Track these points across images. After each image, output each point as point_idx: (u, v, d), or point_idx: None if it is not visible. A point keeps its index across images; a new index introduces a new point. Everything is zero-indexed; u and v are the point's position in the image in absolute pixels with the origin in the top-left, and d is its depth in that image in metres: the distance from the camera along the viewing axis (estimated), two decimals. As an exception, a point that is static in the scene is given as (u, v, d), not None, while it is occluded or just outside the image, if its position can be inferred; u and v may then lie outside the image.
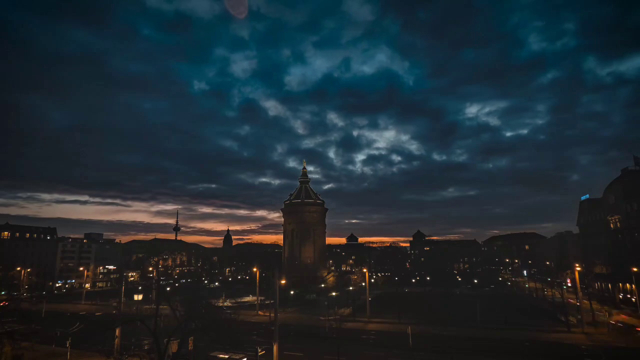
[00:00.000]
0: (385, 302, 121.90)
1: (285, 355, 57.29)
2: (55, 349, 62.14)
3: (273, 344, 47.44)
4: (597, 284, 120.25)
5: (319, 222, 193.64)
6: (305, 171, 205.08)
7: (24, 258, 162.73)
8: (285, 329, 74.39)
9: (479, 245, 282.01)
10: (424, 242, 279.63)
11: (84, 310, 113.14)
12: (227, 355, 52.45)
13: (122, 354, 53.82)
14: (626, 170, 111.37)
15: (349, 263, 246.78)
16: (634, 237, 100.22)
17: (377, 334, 76.68)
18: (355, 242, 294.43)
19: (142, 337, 61.22)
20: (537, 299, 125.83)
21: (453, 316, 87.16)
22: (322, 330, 77.45)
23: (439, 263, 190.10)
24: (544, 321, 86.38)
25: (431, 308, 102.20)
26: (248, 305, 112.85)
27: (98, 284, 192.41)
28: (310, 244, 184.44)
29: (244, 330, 70.45)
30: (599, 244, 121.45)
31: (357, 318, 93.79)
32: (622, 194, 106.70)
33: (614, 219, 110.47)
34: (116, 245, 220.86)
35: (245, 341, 62.23)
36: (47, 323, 78.50)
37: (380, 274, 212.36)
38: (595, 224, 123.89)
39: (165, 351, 40.59)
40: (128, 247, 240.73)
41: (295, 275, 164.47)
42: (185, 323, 41.26)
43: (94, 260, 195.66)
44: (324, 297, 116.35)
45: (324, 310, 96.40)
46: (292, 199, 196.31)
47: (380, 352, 62.28)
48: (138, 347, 58.74)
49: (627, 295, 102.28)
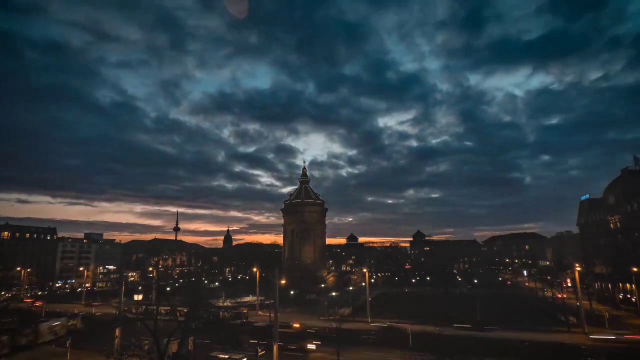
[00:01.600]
0: (385, 302, 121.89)
1: (285, 355, 57.33)
2: (55, 349, 62.16)
3: (273, 344, 47.48)
4: (597, 284, 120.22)
5: (319, 222, 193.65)
6: (305, 171, 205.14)
7: (24, 258, 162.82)
8: (285, 329, 74.37)
9: (479, 245, 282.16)
10: (424, 242, 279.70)
11: (84, 311, 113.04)
12: (227, 355, 52.44)
13: (122, 354, 53.82)
14: (626, 170, 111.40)
15: (349, 263, 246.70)
16: (634, 237, 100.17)
17: (377, 334, 76.61)
18: (355, 242, 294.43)
19: (142, 337, 61.20)
20: (537, 299, 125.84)
21: (453, 316, 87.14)
22: (322, 330, 77.41)
23: (438, 263, 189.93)
24: (544, 321, 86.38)
25: (431, 308, 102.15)
26: (248, 305, 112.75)
27: (98, 284, 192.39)
28: (310, 244, 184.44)
29: (245, 330, 70.60)
30: (599, 244, 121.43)
31: (357, 318, 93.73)
32: (622, 194, 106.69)
33: (614, 219, 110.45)
34: (116, 245, 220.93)
35: (245, 341, 62.45)
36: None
37: (380, 274, 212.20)
38: (595, 224, 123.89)
39: (165, 351, 40.59)
40: (128, 247, 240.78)
41: (295, 275, 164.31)
42: (185, 323, 41.28)
43: (93, 260, 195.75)
44: (324, 297, 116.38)
45: (324, 310, 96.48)
46: (292, 199, 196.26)
47: (381, 352, 62.31)
48: (138, 347, 58.71)
49: (627, 295, 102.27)
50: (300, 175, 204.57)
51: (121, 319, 53.63)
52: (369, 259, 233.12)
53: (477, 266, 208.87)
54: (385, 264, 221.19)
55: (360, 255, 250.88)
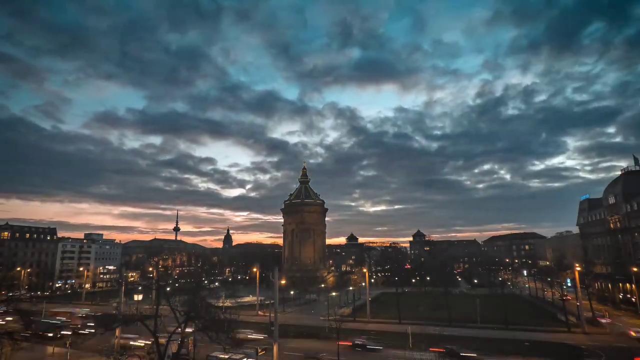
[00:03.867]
0: (385, 302, 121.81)
1: (285, 355, 57.31)
2: (55, 349, 62.13)
3: (273, 344, 47.49)
4: (597, 284, 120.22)
5: (319, 222, 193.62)
6: (305, 171, 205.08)
7: (24, 258, 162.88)
8: (285, 329, 74.34)
9: (479, 245, 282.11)
10: (424, 242, 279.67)
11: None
12: (227, 355, 52.40)
13: (122, 354, 53.78)
14: (626, 170, 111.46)
15: (349, 263, 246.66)
16: (634, 237, 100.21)
17: (377, 334, 76.57)
18: (355, 242, 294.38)
19: (142, 337, 61.17)
20: (537, 299, 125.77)
21: (453, 316, 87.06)
22: (322, 330, 77.39)
23: (438, 263, 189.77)
24: (544, 321, 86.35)
25: (431, 308, 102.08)
26: (248, 305, 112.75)
27: (98, 284, 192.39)
28: (310, 244, 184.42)
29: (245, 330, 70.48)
30: (599, 244, 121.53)
31: (357, 318, 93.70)
32: (622, 194, 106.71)
33: (614, 219, 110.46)
34: (116, 246, 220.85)
35: (245, 341, 62.46)
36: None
37: (380, 274, 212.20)
38: (595, 224, 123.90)
39: (165, 351, 40.55)
40: (128, 247, 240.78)
41: (295, 275, 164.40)
42: (185, 323, 41.24)
43: (93, 260, 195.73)
44: (324, 297, 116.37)
45: (324, 310, 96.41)
46: (292, 199, 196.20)
47: (381, 352, 62.29)
48: (138, 347, 58.71)
49: (627, 295, 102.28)
50: (300, 175, 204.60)
51: (121, 319, 53.51)
52: (369, 259, 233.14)
53: (477, 266, 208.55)
54: (385, 263, 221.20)
55: (360, 255, 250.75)
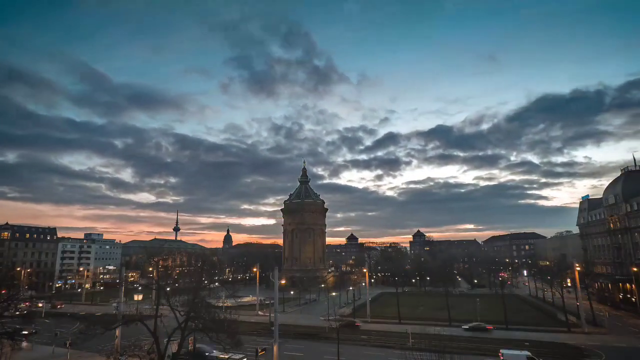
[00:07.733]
0: (385, 302, 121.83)
1: (285, 356, 57.30)
2: (55, 349, 62.10)
3: (273, 344, 47.46)
4: (597, 284, 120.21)
5: (319, 222, 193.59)
6: (305, 171, 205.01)
7: (24, 258, 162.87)
8: (285, 329, 74.36)
9: (479, 245, 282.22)
10: (424, 242, 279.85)
11: (84, 311, 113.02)
12: (227, 355, 52.39)
13: (122, 354, 53.73)
14: (626, 170, 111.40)
15: (349, 263, 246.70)
16: (634, 237, 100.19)
17: (377, 334, 76.58)
18: (355, 242, 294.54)
19: (142, 337, 61.14)
20: (537, 298, 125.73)
21: (453, 316, 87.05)
22: (322, 330, 77.39)
23: (438, 263, 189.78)
24: (544, 321, 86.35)
25: (431, 308, 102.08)
26: (248, 305, 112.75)
27: (98, 284, 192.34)
28: (310, 244, 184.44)
29: (245, 331, 70.50)
30: (599, 244, 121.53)
31: (357, 318, 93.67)
32: (622, 194, 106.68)
33: (613, 219, 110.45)
34: (116, 246, 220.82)
35: (245, 341, 62.38)
36: (47, 323, 78.50)
37: (380, 273, 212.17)
38: (595, 224, 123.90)
39: (165, 351, 40.56)
40: (128, 247, 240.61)
41: (295, 275, 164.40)
42: (185, 323, 41.24)
43: (93, 260, 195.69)
44: (324, 297, 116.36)
45: (324, 310, 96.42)
46: (292, 198, 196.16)
47: (381, 352, 62.27)
48: (138, 348, 58.65)
49: (627, 295, 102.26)
50: (301, 175, 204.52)
51: (121, 319, 53.47)
52: (369, 259, 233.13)
53: (477, 266, 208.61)
54: (385, 263, 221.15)
55: (360, 255, 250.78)
